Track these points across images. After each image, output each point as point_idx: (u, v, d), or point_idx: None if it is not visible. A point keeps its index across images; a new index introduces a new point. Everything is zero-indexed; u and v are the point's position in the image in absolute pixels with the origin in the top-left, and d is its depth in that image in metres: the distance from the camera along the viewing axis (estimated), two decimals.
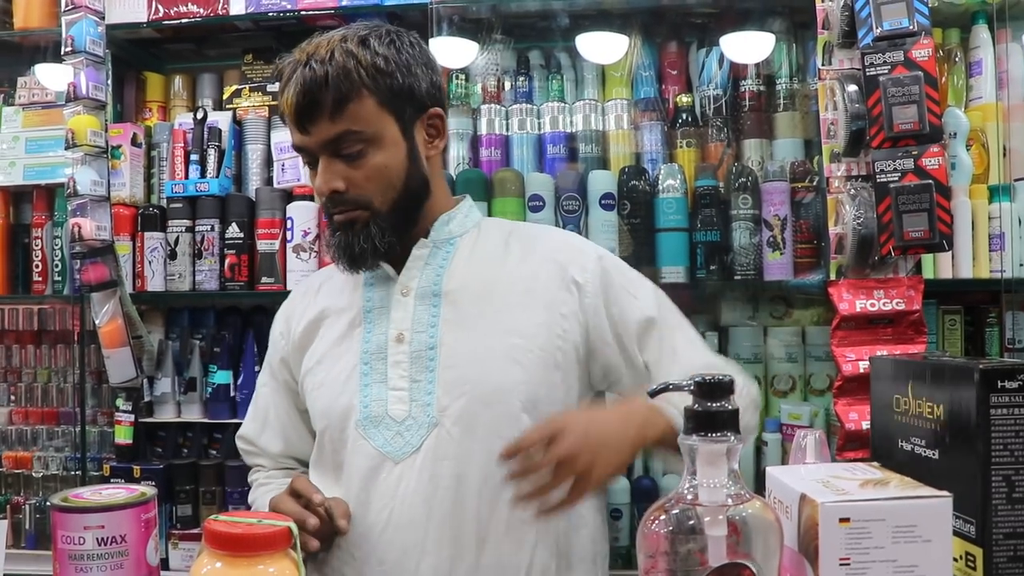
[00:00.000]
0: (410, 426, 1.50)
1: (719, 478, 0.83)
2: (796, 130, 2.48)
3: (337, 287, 1.68)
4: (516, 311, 1.55)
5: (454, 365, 1.52)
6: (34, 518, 2.62)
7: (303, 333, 1.67)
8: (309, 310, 1.68)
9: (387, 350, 1.54)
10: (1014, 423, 0.97)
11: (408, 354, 1.53)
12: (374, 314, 1.59)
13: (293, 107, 1.47)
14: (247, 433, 1.78)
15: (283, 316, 1.76)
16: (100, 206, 2.54)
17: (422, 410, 1.50)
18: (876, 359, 1.22)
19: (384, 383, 1.53)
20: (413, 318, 1.55)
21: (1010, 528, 0.97)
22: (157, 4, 2.61)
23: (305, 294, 1.74)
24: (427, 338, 1.53)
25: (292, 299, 1.78)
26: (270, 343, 1.77)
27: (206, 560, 0.91)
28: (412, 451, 1.49)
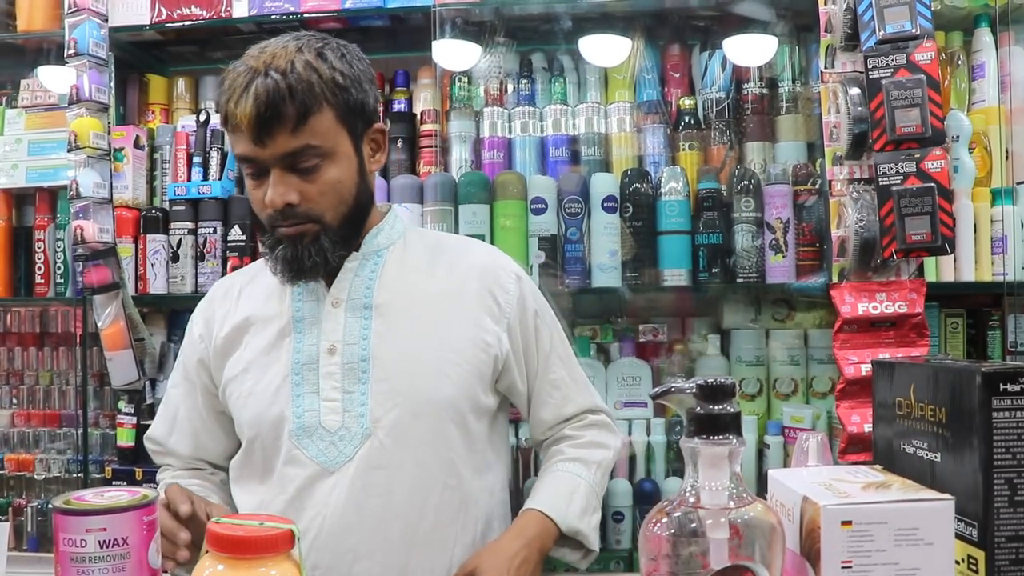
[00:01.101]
0: (343, 436, 1.53)
1: (721, 481, 0.83)
2: (799, 133, 2.48)
3: (261, 294, 1.67)
4: (445, 325, 1.60)
5: (387, 377, 1.55)
6: (36, 521, 2.62)
7: (226, 339, 1.66)
8: (232, 315, 1.67)
9: (319, 361, 1.56)
10: (1016, 426, 0.97)
11: (340, 365, 1.55)
12: (304, 324, 1.59)
13: (252, 118, 1.44)
14: (155, 434, 1.77)
15: (201, 318, 1.73)
16: (102, 208, 2.55)
17: (355, 421, 1.53)
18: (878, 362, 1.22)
19: (316, 394, 1.55)
20: (344, 330, 1.57)
21: (1012, 531, 0.96)
22: (160, 6, 2.61)
23: (225, 297, 1.72)
24: (359, 350, 1.56)
25: (211, 300, 1.75)
26: (186, 343, 1.75)
27: (208, 563, 0.91)
28: (346, 461, 1.53)
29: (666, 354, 2.54)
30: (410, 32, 2.67)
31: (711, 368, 2.44)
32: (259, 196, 1.50)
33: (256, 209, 1.54)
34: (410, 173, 2.59)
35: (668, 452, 2.40)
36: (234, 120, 1.46)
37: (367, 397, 1.54)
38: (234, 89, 1.47)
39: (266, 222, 1.53)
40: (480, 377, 1.60)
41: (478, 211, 2.42)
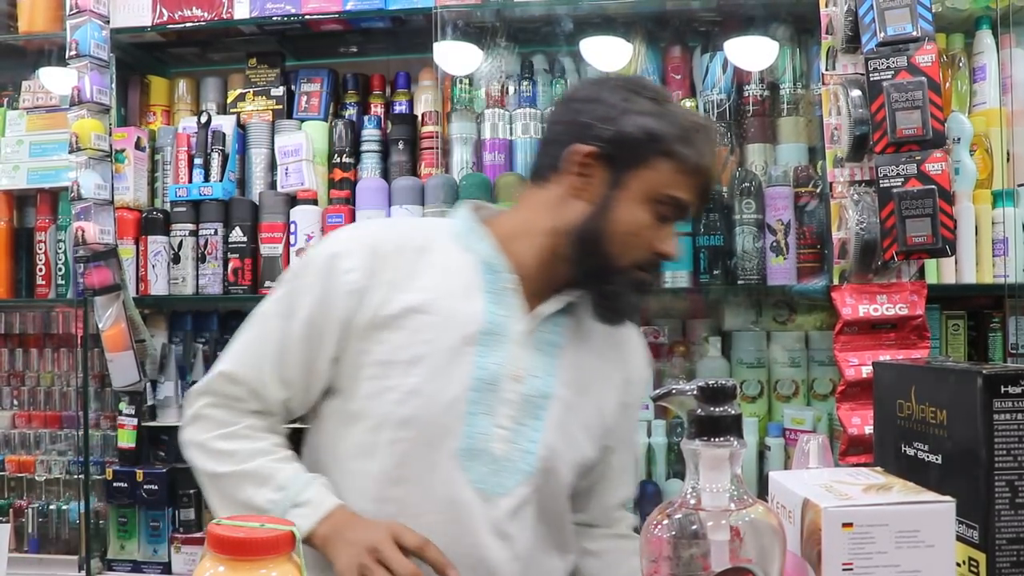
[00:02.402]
0: (506, 467, 1.44)
1: (722, 483, 0.83)
2: (800, 135, 2.48)
3: (446, 279, 1.48)
4: (600, 391, 1.55)
5: (560, 423, 1.48)
6: (37, 522, 2.63)
7: (392, 314, 1.44)
8: (406, 288, 1.46)
9: (501, 385, 1.45)
10: (1017, 428, 0.97)
11: (521, 395, 1.45)
12: (493, 340, 1.46)
13: (713, 175, 1.47)
14: (246, 375, 1.48)
15: (360, 270, 1.45)
16: (104, 210, 2.55)
17: (521, 456, 1.45)
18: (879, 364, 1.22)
19: (490, 416, 1.44)
20: (533, 360, 1.47)
21: (1013, 533, 0.96)
22: (161, 8, 2.61)
23: (399, 257, 1.48)
24: (542, 385, 1.47)
25: (375, 251, 1.47)
26: (320, 284, 1.46)
27: (209, 564, 0.91)
28: (503, 493, 1.44)
29: (667, 356, 2.54)
30: (411, 34, 2.67)
31: (712, 370, 2.44)
32: (653, 237, 1.44)
33: (638, 244, 1.44)
34: (411, 175, 2.59)
35: (669, 454, 2.41)
36: (703, 174, 1.44)
37: (539, 435, 1.45)
38: (706, 144, 1.44)
39: (642, 263, 1.46)
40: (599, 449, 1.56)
41: None
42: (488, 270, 1.48)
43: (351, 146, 2.64)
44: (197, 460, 1.48)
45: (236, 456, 1.45)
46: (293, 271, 1.55)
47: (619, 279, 1.45)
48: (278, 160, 2.64)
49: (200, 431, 1.49)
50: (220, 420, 1.48)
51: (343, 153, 2.63)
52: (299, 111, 2.74)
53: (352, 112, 2.73)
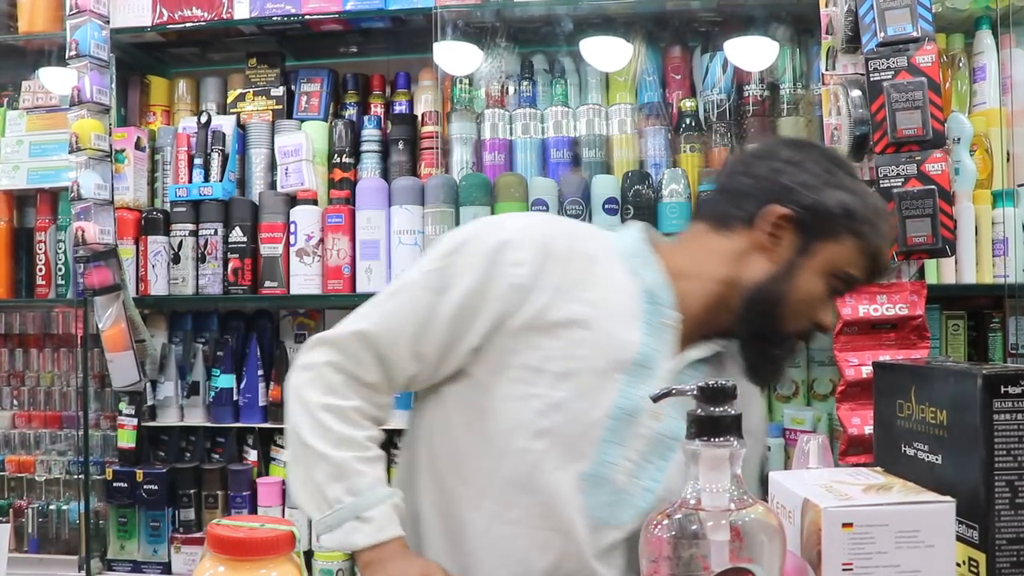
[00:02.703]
0: (625, 500, 1.41)
1: (722, 483, 0.83)
2: (800, 135, 2.48)
3: (610, 297, 1.43)
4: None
5: (679, 471, 1.42)
6: (36, 522, 2.62)
7: (555, 322, 1.38)
8: (570, 296, 1.40)
9: (640, 418, 1.41)
10: (1017, 428, 0.97)
11: (655, 432, 1.42)
12: (642, 372, 1.41)
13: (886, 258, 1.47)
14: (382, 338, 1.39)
15: (529, 266, 1.39)
16: (104, 210, 2.55)
17: (640, 493, 1.42)
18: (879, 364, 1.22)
19: (622, 447, 1.40)
20: (674, 401, 1.38)
21: (1013, 533, 0.96)
22: (161, 8, 2.61)
23: (569, 263, 1.42)
24: (676, 427, 1.41)
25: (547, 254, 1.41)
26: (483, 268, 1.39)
27: (209, 564, 0.91)
28: (615, 524, 1.41)
29: None
30: (411, 34, 2.67)
31: None
32: (819, 308, 1.43)
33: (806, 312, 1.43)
34: (411, 175, 2.59)
35: None
36: (882, 261, 1.44)
37: (662, 475, 1.42)
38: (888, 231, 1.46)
39: (799, 329, 1.45)
40: None
41: (479, 213, 2.42)
42: (650, 300, 1.44)
43: (351, 146, 2.64)
44: (295, 414, 1.40)
45: (329, 436, 1.37)
46: (453, 245, 1.43)
47: (781, 343, 1.44)
48: (278, 160, 2.64)
49: (309, 387, 1.40)
50: (332, 387, 1.40)
51: (343, 153, 2.63)
52: (299, 111, 2.74)
53: (352, 112, 2.73)
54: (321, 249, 2.56)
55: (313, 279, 2.56)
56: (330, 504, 1.34)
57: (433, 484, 1.45)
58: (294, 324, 2.76)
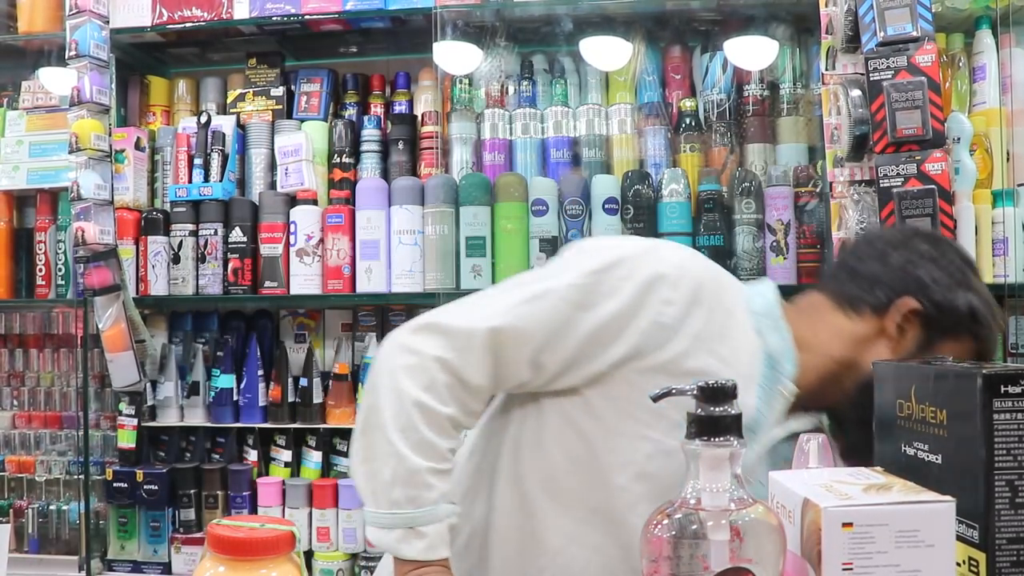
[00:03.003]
0: None
1: (722, 482, 0.83)
2: (799, 135, 2.48)
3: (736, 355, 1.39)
4: None
5: None
6: (37, 522, 2.62)
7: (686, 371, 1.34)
8: (708, 352, 1.36)
9: None
10: (1017, 428, 0.96)
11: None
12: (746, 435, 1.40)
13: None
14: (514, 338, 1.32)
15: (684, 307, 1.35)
16: (104, 210, 2.55)
17: None
18: (879, 363, 1.22)
19: None
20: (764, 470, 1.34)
21: (1013, 533, 0.96)
22: (161, 8, 2.61)
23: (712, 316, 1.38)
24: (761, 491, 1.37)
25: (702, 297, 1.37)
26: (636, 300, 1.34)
27: (209, 564, 0.91)
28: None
29: None
30: (411, 34, 2.67)
31: None
32: None
33: None
34: (411, 175, 2.59)
35: None
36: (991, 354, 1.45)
37: None
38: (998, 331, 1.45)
39: None
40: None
41: (479, 213, 2.42)
42: (770, 364, 1.40)
43: (351, 146, 2.64)
44: (383, 397, 1.32)
45: (412, 436, 1.30)
46: (604, 263, 1.37)
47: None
48: (278, 160, 2.64)
49: (408, 375, 1.32)
50: (433, 385, 1.32)
51: (343, 153, 2.63)
52: (299, 111, 2.74)
53: (352, 112, 2.73)
54: (321, 249, 2.56)
55: (313, 279, 2.56)
56: (390, 505, 1.29)
57: (514, 496, 1.41)
58: (294, 324, 2.76)
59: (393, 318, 2.68)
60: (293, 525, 0.94)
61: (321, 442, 2.66)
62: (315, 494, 2.58)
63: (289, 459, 2.66)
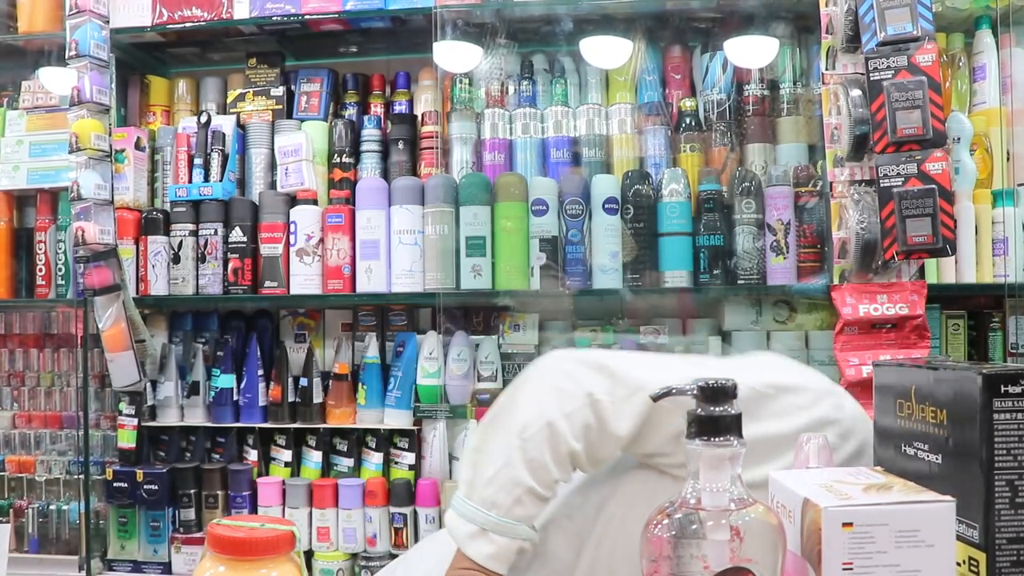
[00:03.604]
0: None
1: (722, 482, 0.83)
2: (800, 135, 2.48)
3: None
4: None
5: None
6: (37, 522, 2.62)
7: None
8: None
9: None
10: (1017, 428, 0.96)
11: None
12: None
13: None
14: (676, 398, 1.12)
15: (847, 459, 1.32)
16: (104, 210, 2.54)
17: None
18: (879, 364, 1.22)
19: None
20: None
21: (1013, 533, 0.96)
22: (161, 8, 2.61)
23: None
24: None
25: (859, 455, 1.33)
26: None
27: (209, 564, 0.91)
28: None
29: None
30: (411, 34, 2.67)
31: None
32: None
33: None
34: (411, 175, 2.59)
35: None
36: None
37: None
38: None
39: None
40: None
41: (479, 213, 2.42)
42: None
43: (351, 146, 2.64)
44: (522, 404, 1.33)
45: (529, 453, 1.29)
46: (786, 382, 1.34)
47: None
48: (278, 160, 2.64)
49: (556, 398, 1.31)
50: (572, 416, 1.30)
51: (343, 153, 2.63)
52: (299, 111, 2.74)
53: (352, 112, 2.73)
54: (321, 249, 2.56)
55: (313, 279, 2.56)
56: (480, 501, 1.29)
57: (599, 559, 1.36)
58: (294, 324, 2.76)
59: (393, 318, 2.68)
60: (293, 525, 0.94)
61: (321, 442, 2.66)
62: (315, 494, 2.57)
63: (289, 459, 2.66)
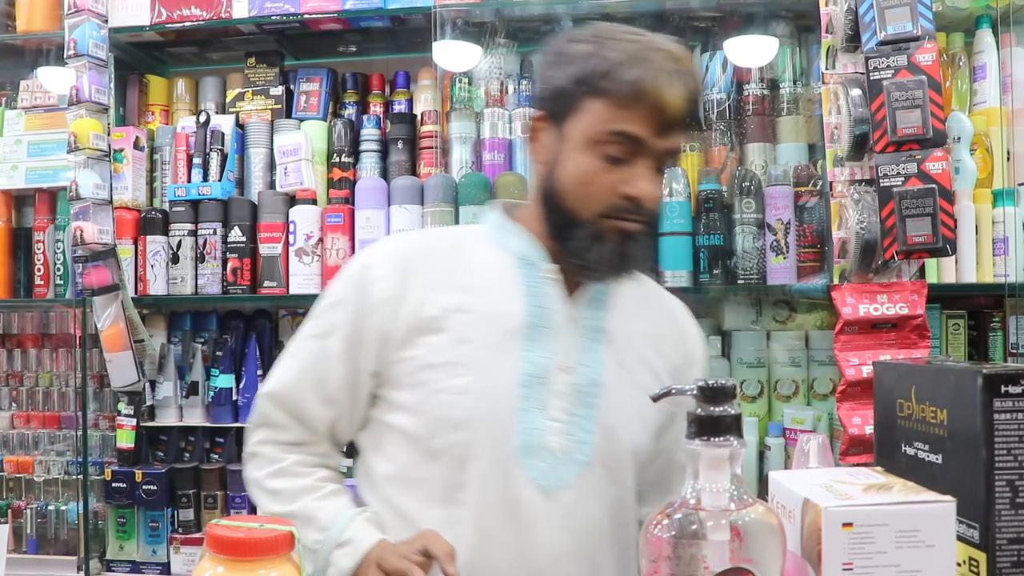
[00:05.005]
0: (564, 461, 1.41)
1: (722, 483, 0.83)
2: (800, 134, 2.48)
3: (482, 279, 1.47)
4: (651, 369, 1.51)
5: (613, 408, 1.45)
6: (35, 522, 2.62)
7: (432, 316, 1.42)
8: (443, 289, 1.44)
9: (551, 377, 1.42)
10: (1017, 428, 0.96)
11: (572, 386, 1.43)
12: (536, 332, 1.43)
13: (675, 106, 1.35)
14: (287, 394, 1.48)
15: (391, 278, 1.45)
16: (102, 210, 2.54)
17: (576, 447, 1.42)
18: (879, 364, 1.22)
19: (543, 411, 1.42)
20: (581, 349, 1.45)
21: (1013, 533, 0.96)
22: (160, 7, 2.61)
23: (427, 261, 1.48)
24: (591, 373, 1.44)
25: (405, 260, 1.47)
26: (353, 298, 1.46)
27: (208, 565, 0.91)
28: (563, 487, 1.41)
29: None
30: (410, 33, 2.67)
31: (712, 370, 2.44)
32: (612, 182, 1.37)
33: (595, 193, 1.38)
34: (410, 174, 2.59)
35: None
36: (652, 99, 1.34)
37: (593, 424, 1.43)
38: (657, 69, 1.36)
39: (607, 210, 1.39)
40: (660, 428, 1.52)
41: (479, 212, 2.42)
42: (524, 264, 1.46)
43: (350, 145, 2.64)
44: (256, 499, 1.50)
45: (283, 495, 1.46)
46: (327, 292, 1.52)
47: (584, 232, 1.40)
48: (277, 160, 2.64)
49: (255, 468, 1.51)
50: (270, 457, 1.49)
51: (342, 152, 2.63)
52: (298, 110, 2.73)
53: (351, 111, 2.73)
54: (320, 249, 2.56)
55: (312, 279, 2.56)
56: (313, 550, 1.38)
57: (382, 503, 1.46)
58: (293, 324, 2.75)
59: None
60: (292, 525, 0.94)
61: None
62: None
63: None
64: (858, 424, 2.07)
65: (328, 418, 1.48)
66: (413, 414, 1.42)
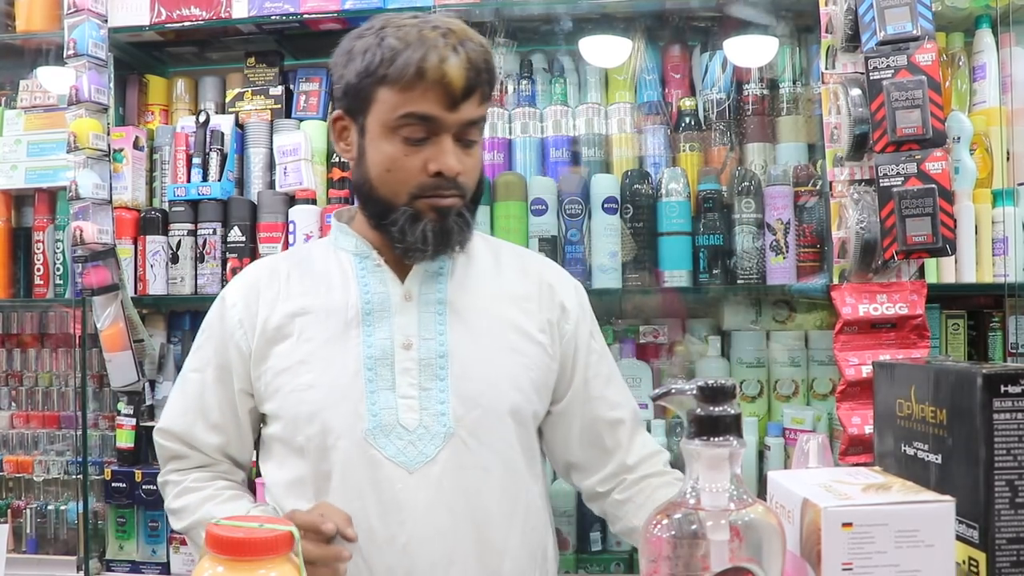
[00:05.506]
0: (422, 435, 1.46)
1: (721, 482, 0.83)
2: (799, 134, 2.48)
3: (318, 281, 1.58)
4: (516, 330, 1.57)
5: (466, 375, 1.50)
6: (35, 522, 2.62)
7: (277, 326, 1.55)
8: (283, 300, 1.57)
9: (394, 356, 1.49)
10: (1017, 428, 0.96)
11: (417, 361, 1.49)
12: (374, 317, 1.52)
13: (457, 79, 1.41)
14: (175, 426, 1.62)
15: (242, 301, 1.59)
16: (102, 209, 2.54)
17: (435, 419, 1.47)
18: (879, 363, 1.22)
19: (392, 390, 1.48)
20: (420, 324, 1.52)
21: (1013, 533, 0.96)
22: (159, 7, 2.61)
23: (272, 279, 1.60)
24: (436, 346, 1.50)
25: (254, 282, 1.61)
26: (215, 327, 1.61)
27: (207, 564, 0.91)
28: (427, 461, 1.46)
29: (666, 355, 2.54)
30: None
31: (711, 370, 2.44)
32: (416, 163, 1.44)
33: (403, 176, 1.46)
34: None
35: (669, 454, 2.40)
36: (433, 76, 1.41)
37: (447, 395, 1.48)
38: (432, 47, 1.41)
39: (417, 191, 1.46)
40: (544, 384, 1.58)
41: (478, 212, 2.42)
42: (359, 259, 1.57)
43: None
44: (172, 524, 1.64)
45: (188, 509, 1.58)
46: (201, 328, 1.67)
47: (401, 216, 1.48)
48: (277, 160, 2.64)
49: (167, 497, 1.65)
50: (174, 481, 1.63)
51: None
52: (298, 110, 2.73)
53: None
54: None
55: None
56: None
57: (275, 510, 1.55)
58: None
59: None
60: (292, 525, 0.94)
61: None
62: None
63: None
64: (858, 424, 2.07)
65: (219, 443, 1.61)
66: (278, 419, 1.53)
